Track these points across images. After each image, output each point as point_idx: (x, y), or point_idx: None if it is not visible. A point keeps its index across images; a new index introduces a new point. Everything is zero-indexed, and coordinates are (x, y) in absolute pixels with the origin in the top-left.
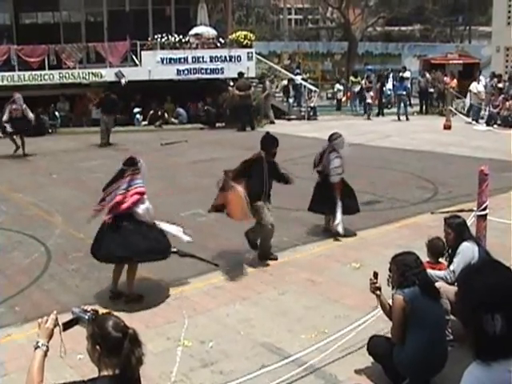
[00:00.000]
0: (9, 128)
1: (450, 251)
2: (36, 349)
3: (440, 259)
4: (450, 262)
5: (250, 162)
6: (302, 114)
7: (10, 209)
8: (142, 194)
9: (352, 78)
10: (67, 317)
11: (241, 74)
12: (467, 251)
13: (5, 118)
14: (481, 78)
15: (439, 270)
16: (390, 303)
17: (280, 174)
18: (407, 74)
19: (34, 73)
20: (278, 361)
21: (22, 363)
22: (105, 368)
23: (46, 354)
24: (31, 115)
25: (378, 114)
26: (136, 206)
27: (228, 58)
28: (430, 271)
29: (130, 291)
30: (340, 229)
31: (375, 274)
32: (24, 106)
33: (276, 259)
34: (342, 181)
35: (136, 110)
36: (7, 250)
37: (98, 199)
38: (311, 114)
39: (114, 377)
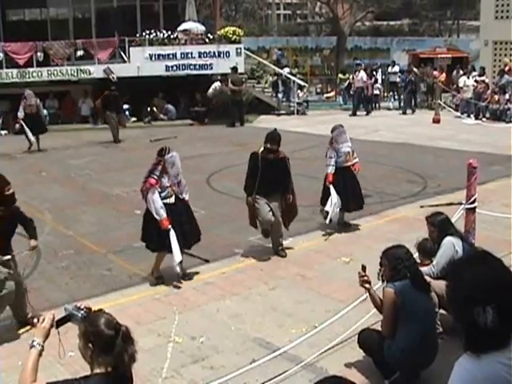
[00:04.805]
0: (27, 131)
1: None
2: (31, 348)
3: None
4: None
5: (249, 159)
6: (292, 109)
7: None
8: (150, 184)
9: (340, 76)
10: (58, 314)
11: (234, 69)
12: (449, 245)
13: (20, 114)
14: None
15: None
16: (380, 296)
17: (285, 176)
18: (396, 69)
19: (21, 70)
20: (268, 355)
21: (12, 362)
22: (97, 366)
23: (40, 354)
24: (44, 112)
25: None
26: (146, 194)
27: (217, 54)
28: None
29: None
30: (328, 219)
31: (363, 268)
32: (38, 101)
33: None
34: (340, 174)
35: (125, 106)
36: None
37: (87, 197)
38: (300, 108)
39: (106, 374)
